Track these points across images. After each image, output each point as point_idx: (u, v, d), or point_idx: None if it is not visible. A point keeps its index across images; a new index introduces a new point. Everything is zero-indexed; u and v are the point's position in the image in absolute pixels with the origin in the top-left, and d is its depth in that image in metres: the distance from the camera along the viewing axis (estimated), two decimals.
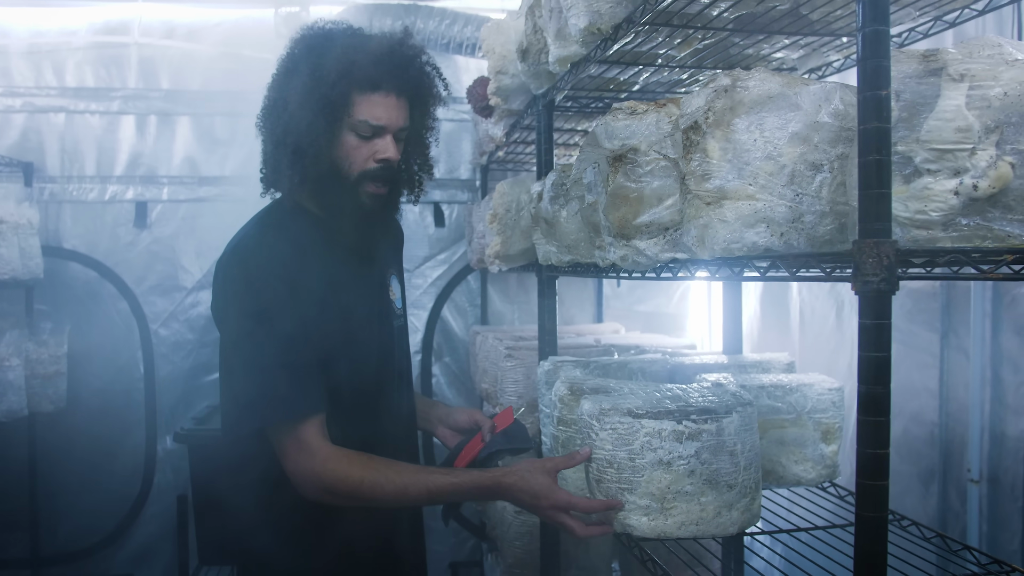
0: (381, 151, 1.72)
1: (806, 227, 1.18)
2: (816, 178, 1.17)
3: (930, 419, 2.35)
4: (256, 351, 1.65)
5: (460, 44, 3.81)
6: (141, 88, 3.93)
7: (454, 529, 4.11)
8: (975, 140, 0.96)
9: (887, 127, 0.92)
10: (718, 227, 1.21)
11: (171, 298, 3.94)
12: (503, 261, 2.74)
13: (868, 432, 0.95)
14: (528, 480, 1.63)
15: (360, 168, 1.72)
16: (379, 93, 1.69)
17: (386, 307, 1.93)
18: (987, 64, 0.95)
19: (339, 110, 1.66)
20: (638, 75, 2.22)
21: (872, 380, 0.94)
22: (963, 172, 0.96)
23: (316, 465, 1.63)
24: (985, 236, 0.98)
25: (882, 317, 0.93)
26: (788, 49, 1.92)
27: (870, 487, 0.95)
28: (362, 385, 1.79)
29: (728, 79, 1.22)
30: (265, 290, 1.65)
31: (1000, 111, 0.95)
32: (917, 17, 1.69)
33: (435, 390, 4.15)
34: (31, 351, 3.48)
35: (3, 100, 3.84)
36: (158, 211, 3.95)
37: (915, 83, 0.99)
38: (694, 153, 1.24)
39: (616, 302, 4.28)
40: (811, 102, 1.18)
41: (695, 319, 4.22)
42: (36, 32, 3.89)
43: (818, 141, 1.17)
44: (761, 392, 1.92)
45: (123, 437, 3.89)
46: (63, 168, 3.89)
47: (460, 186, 4.20)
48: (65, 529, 3.87)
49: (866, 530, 0.96)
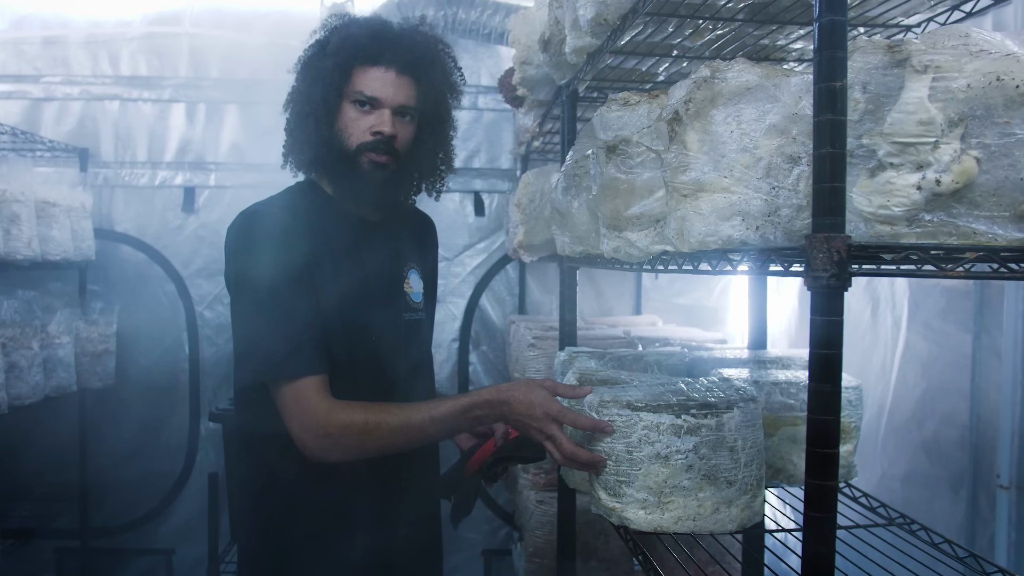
0: (377, 124, 1.76)
1: (783, 221, 1.16)
2: (793, 171, 1.15)
3: (961, 421, 2.28)
4: (255, 309, 1.70)
5: (502, 34, 3.81)
6: (191, 77, 4.04)
7: (487, 517, 4.13)
8: (938, 133, 0.92)
9: (841, 119, 0.90)
10: (694, 220, 1.20)
11: (216, 281, 4.03)
12: (527, 251, 2.75)
13: (818, 431, 0.93)
14: (527, 392, 1.65)
15: (358, 140, 1.77)
16: (377, 67, 1.75)
17: (398, 298, 1.93)
18: (951, 55, 0.92)
19: (339, 81, 1.73)
20: (659, 66, 2.19)
21: (822, 377, 0.92)
22: (926, 166, 0.93)
23: (319, 416, 1.64)
24: (950, 232, 0.95)
25: (833, 313, 0.91)
26: (804, 40, 1.87)
27: (819, 487, 0.93)
28: (363, 371, 1.81)
29: (708, 70, 1.20)
30: (266, 252, 1.71)
31: (964, 103, 0.92)
32: (934, 6, 1.63)
33: (472, 378, 4.17)
34: (81, 329, 3.62)
35: (62, 88, 3.98)
36: (205, 196, 4.06)
37: (881, 74, 0.96)
38: (673, 145, 1.23)
39: (656, 294, 4.25)
40: (790, 94, 1.16)
41: (735, 313, 4.16)
42: (94, 23, 4.02)
43: (796, 133, 1.15)
44: (774, 388, 1.89)
45: (168, 415, 4.02)
46: (116, 154, 4.02)
47: (501, 175, 4.20)
48: (111, 502, 4.01)
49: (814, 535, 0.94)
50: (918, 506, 2.33)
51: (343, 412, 1.65)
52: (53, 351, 3.42)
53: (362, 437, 1.65)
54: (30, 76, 3.96)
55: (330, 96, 1.74)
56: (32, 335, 3.25)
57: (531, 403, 1.63)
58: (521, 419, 1.65)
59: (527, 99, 2.74)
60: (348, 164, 1.78)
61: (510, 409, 1.66)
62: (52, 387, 3.40)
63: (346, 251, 1.82)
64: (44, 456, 3.75)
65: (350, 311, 1.79)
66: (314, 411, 1.65)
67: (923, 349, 2.46)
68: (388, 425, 1.65)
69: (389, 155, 1.78)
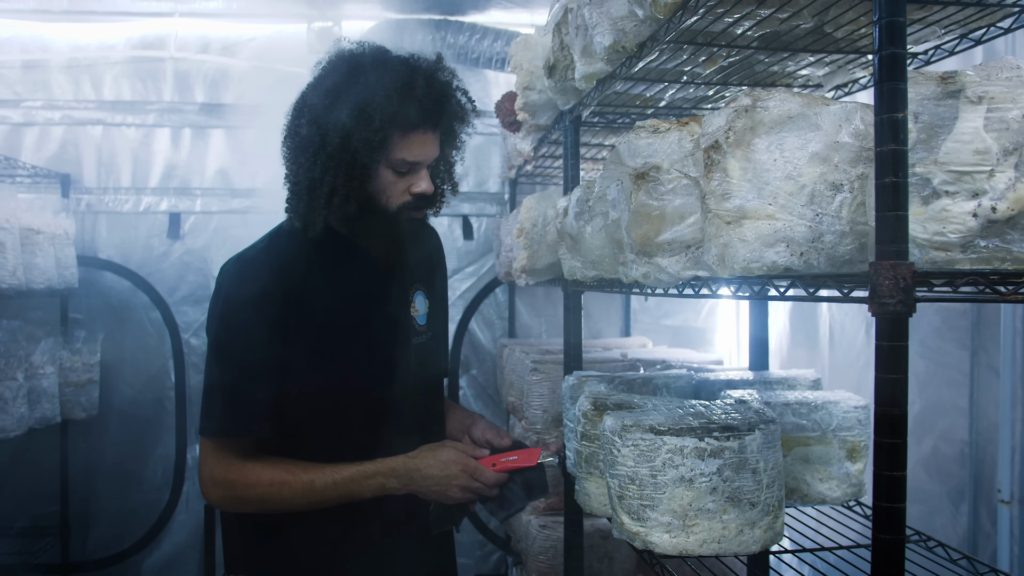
0: (416, 185, 1.77)
1: (826, 247, 1.18)
2: (836, 198, 1.17)
3: (960, 437, 2.32)
4: (211, 365, 1.77)
5: (490, 59, 3.85)
6: (176, 101, 4.01)
7: (480, 542, 4.11)
8: (993, 162, 0.95)
9: (904, 149, 0.92)
10: (738, 246, 1.22)
11: (203, 308, 3.98)
12: (529, 275, 2.75)
13: (885, 454, 0.94)
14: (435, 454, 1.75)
15: (398, 202, 1.76)
16: (416, 132, 1.73)
17: (404, 324, 1.93)
18: (1005, 86, 0.95)
19: (378, 150, 1.69)
20: (664, 91, 2.22)
21: (888, 402, 0.94)
22: (982, 194, 0.96)
23: (230, 472, 1.73)
24: (1004, 258, 0.97)
25: (899, 339, 0.93)
26: (813, 67, 1.91)
27: (887, 509, 0.95)
28: (377, 400, 1.83)
29: (748, 99, 1.22)
30: (234, 312, 1.75)
31: (1019, 133, 0.95)
32: (943, 35, 1.68)
33: (462, 402, 4.16)
34: (65, 359, 3.55)
35: (43, 113, 3.93)
36: (191, 222, 4.03)
37: (933, 105, 0.99)
38: (714, 172, 1.25)
39: (644, 316, 4.28)
40: (831, 122, 1.18)
41: (723, 334, 4.20)
42: (76, 46, 3.98)
43: (838, 161, 1.17)
44: (786, 409, 1.91)
45: (153, 445, 3.96)
46: (99, 180, 3.98)
47: (489, 199, 4.22)
48: (95, 535, 3.94)
49: (883, 553, 0.95)
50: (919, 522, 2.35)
51: (250, 468, 1.73)
52: (37, 382, 3.36)
53: (263, 497, 1.72)
54: (10, 100, 3.90)
55: (365, 161, 1.69)
56: (17, 366, 3.19)
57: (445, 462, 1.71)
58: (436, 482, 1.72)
59: (525, 123, 2.76)
60: (386, 223, 1.78)
61: (420, 475, 1.73)
62: (36, 418, 3.34)
63: (352, 289, 1.84)
64: (25, 489, 3.68)
65: (356, 345, 1.82)
66: (225, 465, 1.73)
67: (920, 367, 2.50)
68: (290, 488, 1.72)
69: (425, 207, 1.84)
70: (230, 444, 1.75)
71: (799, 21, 1.59)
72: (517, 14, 4.01)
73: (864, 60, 1.86)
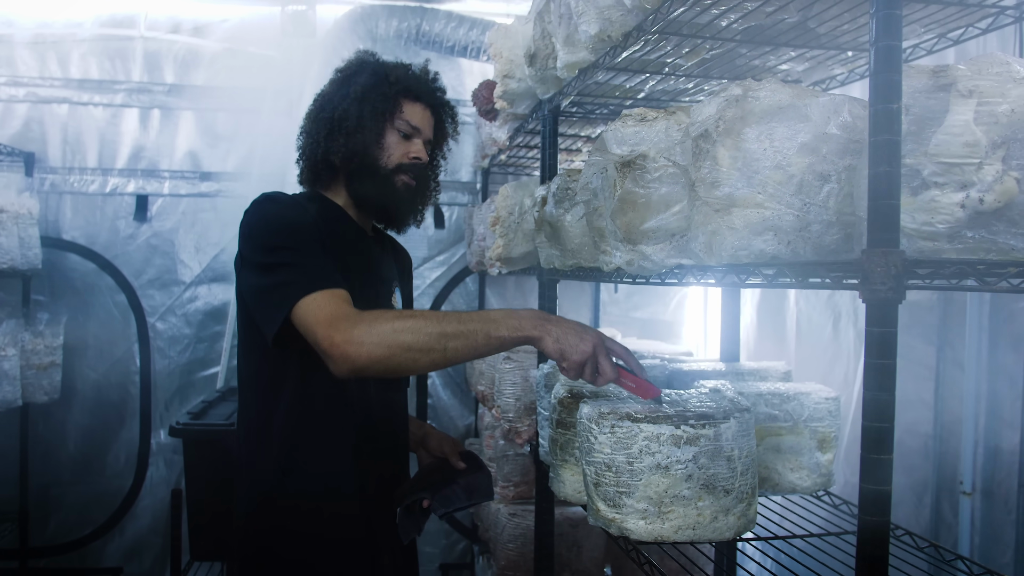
0: (415, 151, 1.97)
1: (813, 236, 1.20)
2: (823, 188, 1.19)
3: (924, 431, 2.37)
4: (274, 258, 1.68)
5: (465, 47, 3.83)
6: (145, 82, 3.94)
7: (445, 531, 4.11)
8: (982, 155, 0.98)
9: (897, 140, 0.94)
10: (726, 234, 1.23)
11: (169, 292, 3.94)
12: (505, 264, 2.76)
13: (872, 437, 0.96)
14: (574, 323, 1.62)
15: (397, 161, 1.94)
16: (420, 103, 1.99)
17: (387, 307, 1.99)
18: (995, 81, 0.97)
19: (390, 108, 1.93)
20: (644, 83, 2.24)
21: (877, 386, 0.96)
22: (970, 186, 0.98)
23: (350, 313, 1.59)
24: (989, 249, 1.00)
25: (888, 325, 0.95)
26: (794, 61, 1.94)
27: (873, 492, 0.97)
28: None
29: (739, 89, 1.23)
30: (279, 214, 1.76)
31: (1007, 127, 0.97)
32: (922, 34, 1.71)
33: (431, 392, 4.16)
34: (27, 341, 3.48)
35: (6, 89, 3.84)
36: (159, 205, 3.96)
37: (924, 98, 1.01)
38: (704, 160, 1.26)
39: (613, 308, 4.30)
40: (820, 114, 1.20)
41: (691, 326, 4.25)
42: (42, 23, 3.89)
43: (826, 152, 1.19)
44: (758, 399, 1.93)
45: (117, 430, 3.90)
46: (64, 159, 3.90)
47: (461, 188, 4.22)
48: (56, 520, 3.87)
49: (868, 536, 0.97)
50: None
51: (373, 314, 1.60)
52: None
53: (395, 325, 1.55)
54: None
55: (378, 118, 1.92)
56: None
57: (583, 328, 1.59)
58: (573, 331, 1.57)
59: (503, 112, 2.75)
60: (382, 179, 1.94)
61: (555, 320, 1.59)
62: None
63: (349, 254, 1.88)
64: None
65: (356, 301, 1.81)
66: (344, 311, 1.58)
67: (896, 357, 2.54)
68: (421, 316, 1.59)
69: (417, 180, 1.99)
70: (336, 294, 1.62)
71: (784, 15, 1.61)
72: (493, 3, 4.01)
73: (843, 56, 1.89)
